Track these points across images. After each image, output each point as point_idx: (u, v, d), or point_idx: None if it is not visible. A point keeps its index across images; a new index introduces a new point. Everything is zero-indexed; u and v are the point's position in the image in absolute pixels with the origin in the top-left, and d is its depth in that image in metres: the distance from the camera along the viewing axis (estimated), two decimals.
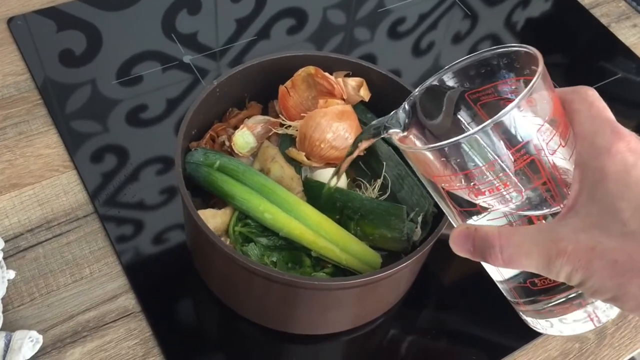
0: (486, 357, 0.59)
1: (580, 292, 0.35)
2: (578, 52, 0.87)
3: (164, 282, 0.60)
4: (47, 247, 0.60)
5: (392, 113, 0.41)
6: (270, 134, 0.60)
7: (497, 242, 0.34)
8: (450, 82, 0.39)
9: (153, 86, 0.74)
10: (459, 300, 0.63)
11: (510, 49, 0.36)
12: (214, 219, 0.54)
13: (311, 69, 0.59)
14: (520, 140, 0.32)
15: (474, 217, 0.36)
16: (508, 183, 0.33)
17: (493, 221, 0.35)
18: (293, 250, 0.54)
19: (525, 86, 0.33)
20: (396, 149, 0.58)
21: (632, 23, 0.90)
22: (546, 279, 0.35)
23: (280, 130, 0.60)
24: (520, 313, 0.39)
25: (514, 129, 0.32)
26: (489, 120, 0.32)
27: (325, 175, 0.56)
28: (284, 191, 0.54)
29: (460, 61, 0.38)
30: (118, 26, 0.79)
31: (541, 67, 0.33)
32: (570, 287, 0.35)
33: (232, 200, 0.54)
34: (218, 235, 0.53)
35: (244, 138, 0.58)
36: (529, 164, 0.33)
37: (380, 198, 0.57)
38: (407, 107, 0.40)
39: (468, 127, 0.39)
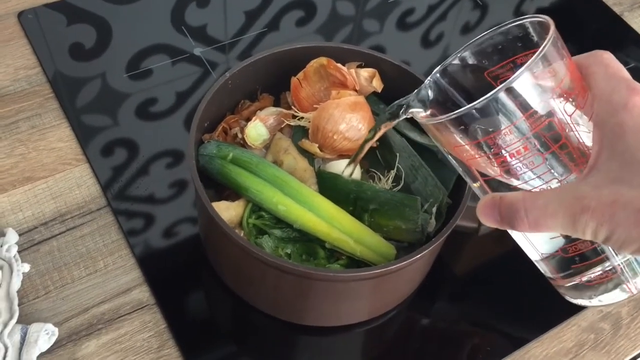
0: (501, 348, 0.59)
1: (611, 260, 0.36)
2: (590, 42, 0.86)
3: (178, 275, 0.60)
4: (61, 240, 0.60)
5: (412, 93, 0.42)
6: (282, 126, 0.60)
7: (522, 207, 0.34)
8: (469, 60, 0.39)
9: (163, 79, 0.74)
10: (473, 291, 0.63)
11: (522, 21, 0.37)
12: (227, 211, 0.54)
13: (323, 60, 0.59)
14: (535, 103, 0.33)
15: (501, 190, 0.36)
16: (528, 146, 0.34)
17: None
18: (307, 242, 0.54)
19: (555, 68, 0.33)
20: (409, 139, 0.58)
21: None
22: (577, 244, 0.36)
23: (293, 122, 0.59)
24: (560, 289, 0.39)
25: (528, 93, 0.33)
26: (501, 85, 0.32)
27: (338, 166, 0.56)
28: (297, 183, 0.54)
29: (477, 39, 0.39)
30: (128, 19, 0.79)
31: (552, 32, 0.33)
32: (603, 256, 0.36)
33: (245, 192, 0.54)
34: (232, 227, 0.53)
35: (256, 130, 0.58)
36: (546, 127, 0.33)
37: (394, 189, 0.57)
38: (428, 86, 0.41)
39: None
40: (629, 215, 0.31)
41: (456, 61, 0.40)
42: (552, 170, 0.35)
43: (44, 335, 0.53)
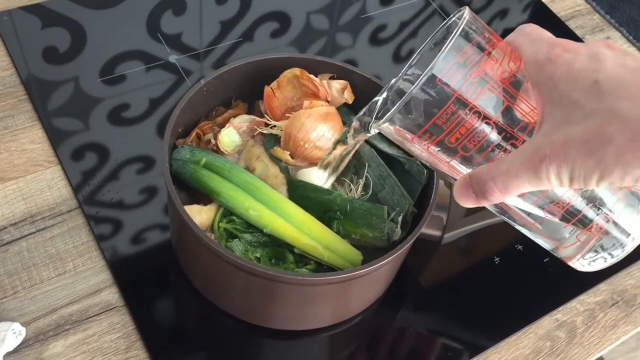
0: (461, 355, 0.61)
1: (593, 209, 0.38)
2: None
3: (147, 277, 0.61)
4: (31, 241, 0.61)
5: (373, 109, 0.44)
6: (255, 133, 0.61)
7: (489, 177, 0.36)
8: (420, 69, 0.42)
9: (136, 85, 0.75)
10: (436, 299, 0.64)
11: (450, 21, 0.39)
12: (199, 214, 0.55)
13: (297, 70, 0.60)
14: (465, 76, 0.36)
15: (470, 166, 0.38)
16: (474, 117, 0.36)
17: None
18: (276, 247, 0.56)
19: (477, 45, 0.36)
20: (378, 150, 0.60)
21: (605, 35, 0.93)
22: (558, 202, 0.38)
23: (265, 130, 0.61)
24: (572, 264, 0.41)
25: (455, 69, 0.35)
26: (423, 74, 0.35)
27: (309, 174, 0.58)
28: (269, 189, 0.55)
29: (421, 48, 0.42)
30: (103, 25, 0.80)
31: (465, 14, 0.36)
32: (587, 208, 0.38)
33: (217, 197, 0.55)
34: (203, 230, 0.54)
35: (229, 137, 0.59)
36: (485, 95, 0.36)
37: (363, 198, 0.59)
38: (385, 101, 0.44)
39: None
40: (579, 149, 0.33)
41: (409, 72, 0.42)
42: (507, 135, 0.37)
43: (11, 335, 0.53)
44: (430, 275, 0.66)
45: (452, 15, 0.39)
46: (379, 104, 0.45)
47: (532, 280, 0.66)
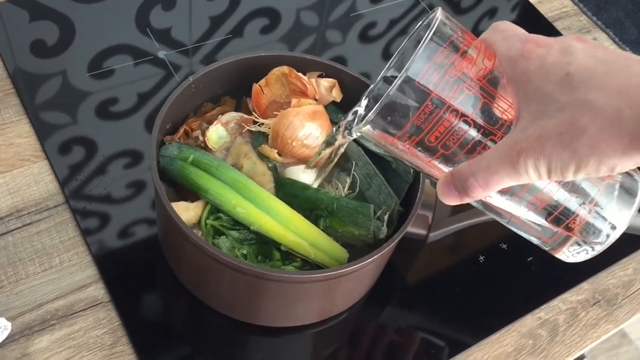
0: (445, 352, 0.61)
1: (574, 199, 0.38)
2: None
3: (134, 273, 0.61)
4: (17, 235, 0.60)
5: (355, 114, 0.45)
6: (243, 131, 0.61)
7: (469, 174, 0.36)
8: (396, 72, 0.42)
9: (125, 80, 0.75)
10: (421, 298, 0.65)
11: (425, 22, 0.40)
12: (186, 211, 0.55)
13: (285, 68, 0.61)
14: (441, 76, 0.36)
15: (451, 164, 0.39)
16: (452, 116, 0.37)
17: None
18: (263, 244, 0.56)
19: (452, 45, 0.37)
20: (365, 149, 0.60)
21: (592, 37, 0.94)
22: (540, 196, 0.38)
23: (253, 128, 0.61)
24: (558, 255, 0.41)
25: (430, 69, 0.36)
26: (398, 76, 0.35)
27: (296, 172, 0.58)
28: (256, 187, 0.55)
29: (398, 50, 0.42)
30: (91, 19, 0.79)
31: (438, 15, 0.37)
32: (566, 199, 0.38)
33: (205, 194, 0.55)
34: (190, 227, 0.54)
35: (217, 134, 0.60)
36: (461, 93, 0.37)
37: (350, 196, 0.59)
38: (369, 103, 0.44)
39: None
40: (555, 142, 0.33)
41: (389, 74, 0.43)
42: (486, 132, 0.37)
43: None
44: (416, 274, 0.67)
45: (425, 17, 0.40)
46: (362, 106, 0.45)
47: (515, 279, 0.67)
